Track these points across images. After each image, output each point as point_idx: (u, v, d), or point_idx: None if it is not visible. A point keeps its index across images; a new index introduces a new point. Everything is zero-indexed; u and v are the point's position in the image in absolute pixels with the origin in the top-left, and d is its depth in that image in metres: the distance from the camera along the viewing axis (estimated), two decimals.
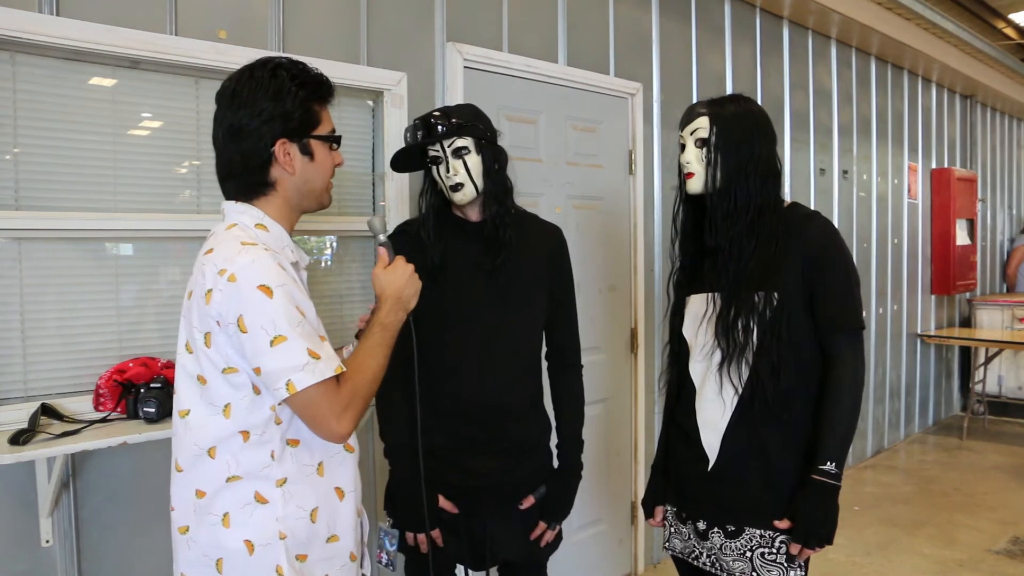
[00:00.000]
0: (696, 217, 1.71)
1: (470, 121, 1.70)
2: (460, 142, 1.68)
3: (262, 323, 1.20)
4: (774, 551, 1.57)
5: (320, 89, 1.37)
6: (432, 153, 1.70)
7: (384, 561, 1.75)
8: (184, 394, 1.32)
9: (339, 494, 1.40)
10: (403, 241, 1.77)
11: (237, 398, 1.27)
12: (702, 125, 1.62)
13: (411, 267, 1.45)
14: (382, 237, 1.50)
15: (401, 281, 1.42)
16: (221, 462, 1.29)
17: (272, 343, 1.20)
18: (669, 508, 1.78)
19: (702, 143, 1.62)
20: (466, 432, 1.71)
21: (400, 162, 1.76)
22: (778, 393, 1.55)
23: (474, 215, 1.76)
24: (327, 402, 1.24)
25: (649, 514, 1.83)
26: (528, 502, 1.78)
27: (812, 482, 1.53)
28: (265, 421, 1.28)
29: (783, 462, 1.58)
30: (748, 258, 1.58)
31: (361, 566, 1.50)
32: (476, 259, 1.71)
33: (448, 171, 1.68)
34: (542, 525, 1.80)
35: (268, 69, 1.33)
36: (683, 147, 1.66)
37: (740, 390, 1.59)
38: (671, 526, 1.77)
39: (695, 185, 1.64)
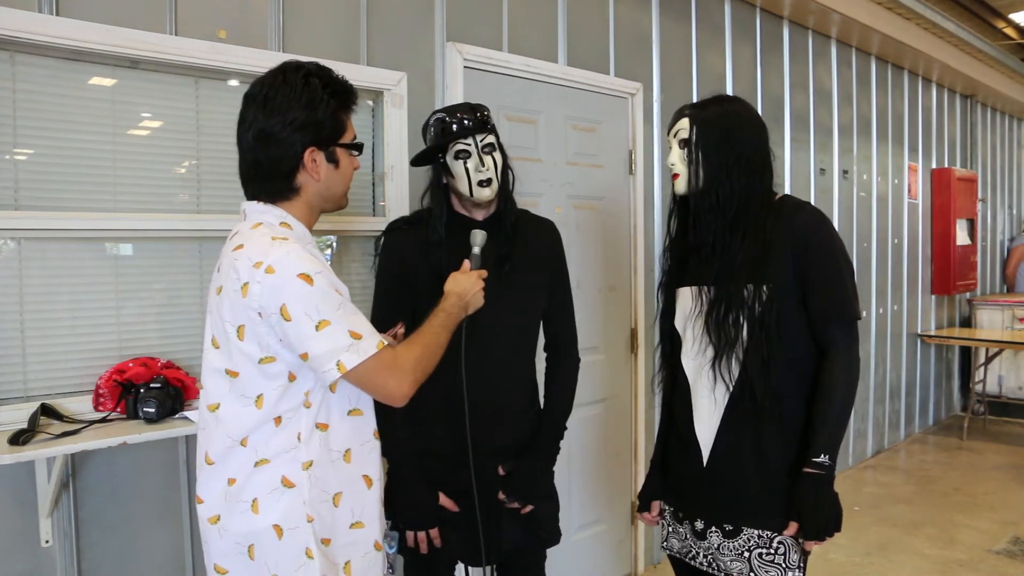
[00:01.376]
0: (684, 217, 1.73)
1: (492, 121, 1.75)
2: (489, 138, 1.71)
3: (306, 310, 1.25)
4: (772, 551, 1.56)
5: (348, 98, 1.41)
6: (460, 147, 1.69)
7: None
8: (212, 388, 1.35)
9: (367, 482, 1.42)
10: (401, 241, 1.76)
11: (270, 388, 1.30)
12: (683, 126, 1.65)
13: (482, 283, 1.59)
14: (476, 250, 1.64)
15: (466, 285, 1.56)
16: (251, 448, 1.32)
17: (318, 327, 1.25)
18: (667, 508, 1.78)
19: (684, 144, 1.64)
20: (467, 431, 1.71)
21: (423, 156, 1.76)
22: (769, 389, 1.55)
23: (481, 214, 1.76)
24: (384, 368, 1.31)
25: (644, 507, 1.82)
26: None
27: (805, 476, 1.53)
28: (297, 405, 1.32)
29: (779, 460, 1.58)
30: (735, 253, 1.58)
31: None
32: (487, 260, 1.71)
33: (482, 166, 1.69)
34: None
35: (301, 76, 1.35)
36: (671, 149, 1.69)
37: (731, 387, 1.58)
38: (668, 525, 1.77)
39: (680, 186, 1.67)
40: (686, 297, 1.70)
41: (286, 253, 1.26)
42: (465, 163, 1.69)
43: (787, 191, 4.16)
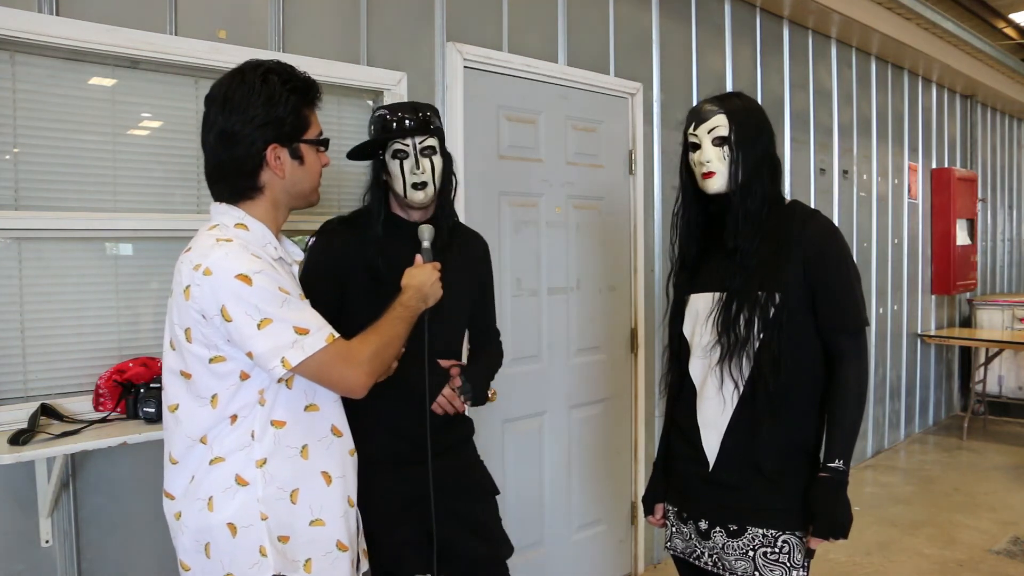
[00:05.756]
0: (704, 216, 1.70)
1: (437, 121, 1.73)
2: (430, 140, 1.69)
3: (246, 310, 1.24)
4: (776, 551, 1.57)
5: (310, 93, 1.40)
6: (398, 147, 1.68)
7: None
8: (171, 389, 1.37)
9: (326, 478, 1.41)
10: (335, 241, 1.72)
11: (223, 387, 1.31)
12: (720, 123, 1.60)
13: (437, 273, 1.58)
14: (426, 244, 1.63)
15: (423, 278, 1.55)
16: (208, 446, 1.33)
17: (259, 326, 1.25)
18: (670, 508, 1.78)
19: (721, 140, 1.60)
20: (407, 437, 1.69)
21: (358, 151, 1.73)
22: (778, 388, 1.55)
23: (417, 215, 1.75)
24: (338, 360, 1.31)
25: (649, 511, 1.83)
26: (449, 362, 1.73)
27: (821, 480, 1.55)
28: (251, 403, 1.32)
29: (784, 462, 1.58)
30: (751, 256, 1.58)
31: (357, 568, 1.49)
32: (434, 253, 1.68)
33: (417, 168, 1.67)
34: (456, 372, 1.73)
35: (259, 74, 1.35)
36: (694, 146, 1.64)
37: (741, 386, 1.58)
38: (672, 526, 1.77)
39: (717, 184, 1.61)
40: (697, 303, 1.69)
41: (225, 254, 1.27)
42: (401, 163, 1.67)
43: (787, 191, 4.17)
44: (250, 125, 1.32)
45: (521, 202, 2.79)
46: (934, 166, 5.96)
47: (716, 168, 1.60)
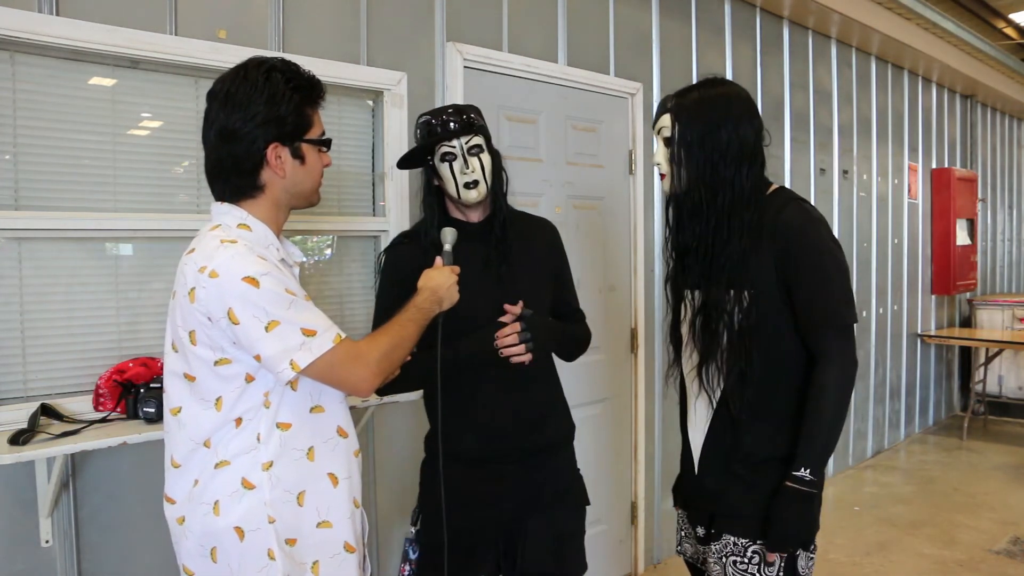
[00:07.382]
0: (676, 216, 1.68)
1: (480, 120, 1.73)
2: (476, 139, 1.69)
3: (253, 312, 1.23)
4: (746, 561, 1.51)
5: (313, 92, 1.39)
6: (445, 149, 1.68)
7: (408, 573, 1.73)
8: (173, 392, 1.35)
9: (332, 480, 1.40)
10: (401, 256, 1.74)
11: (228, 390, 1.30)
12: (665, 123, 1.55)
13: (455, 277, 1.58)
14: (448, 247, 1.63)
15: (440, 280, 1.55)
16: (212, 449, 1.31)
17: (267, 329, 1.24)
18: (681, 512, 1.75)
19: (667, 142, 1.55)
20: (490, 437, 1.70)
21: (407, 159, 1.74)
22: (745, 403, 1.49)
23: (475, 215, 1.75)
24: (346, 361, 1.30)
25: (677, 502, 1.78)
26: (517, 308, 1.66)
27: (785, 489, 1.45)
28: (256, 406, 1.31)
29: (760, 467, 1.52)
30: (719, 254, 1.50)
31: (364, 569, 1.49)
32: (483, 261, 1.70)
33: (467, 167, 1.67)
34: (516, 326, 1.65)
35: (263, 71, 1.33)
36: (656, 147, 1.61)
37: (714, 395, 1.54)
38: (681, 530, 1.75)
39: (667, 184, 1.59)
40: (685, 300, 1.67)
41: (231, 256, 1.25)
42: (451, 165, 1.68)
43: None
44: (251, 123, 1.30)
45: (521, 202, 2.77)
46: (934, 166, 5.96)
47: (665, 170, 1.58)
